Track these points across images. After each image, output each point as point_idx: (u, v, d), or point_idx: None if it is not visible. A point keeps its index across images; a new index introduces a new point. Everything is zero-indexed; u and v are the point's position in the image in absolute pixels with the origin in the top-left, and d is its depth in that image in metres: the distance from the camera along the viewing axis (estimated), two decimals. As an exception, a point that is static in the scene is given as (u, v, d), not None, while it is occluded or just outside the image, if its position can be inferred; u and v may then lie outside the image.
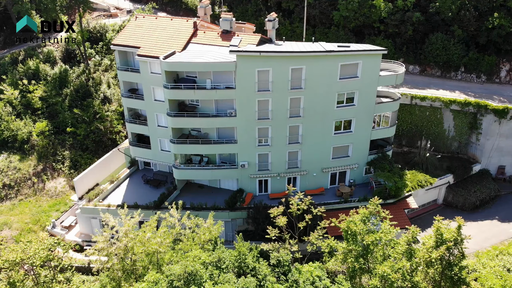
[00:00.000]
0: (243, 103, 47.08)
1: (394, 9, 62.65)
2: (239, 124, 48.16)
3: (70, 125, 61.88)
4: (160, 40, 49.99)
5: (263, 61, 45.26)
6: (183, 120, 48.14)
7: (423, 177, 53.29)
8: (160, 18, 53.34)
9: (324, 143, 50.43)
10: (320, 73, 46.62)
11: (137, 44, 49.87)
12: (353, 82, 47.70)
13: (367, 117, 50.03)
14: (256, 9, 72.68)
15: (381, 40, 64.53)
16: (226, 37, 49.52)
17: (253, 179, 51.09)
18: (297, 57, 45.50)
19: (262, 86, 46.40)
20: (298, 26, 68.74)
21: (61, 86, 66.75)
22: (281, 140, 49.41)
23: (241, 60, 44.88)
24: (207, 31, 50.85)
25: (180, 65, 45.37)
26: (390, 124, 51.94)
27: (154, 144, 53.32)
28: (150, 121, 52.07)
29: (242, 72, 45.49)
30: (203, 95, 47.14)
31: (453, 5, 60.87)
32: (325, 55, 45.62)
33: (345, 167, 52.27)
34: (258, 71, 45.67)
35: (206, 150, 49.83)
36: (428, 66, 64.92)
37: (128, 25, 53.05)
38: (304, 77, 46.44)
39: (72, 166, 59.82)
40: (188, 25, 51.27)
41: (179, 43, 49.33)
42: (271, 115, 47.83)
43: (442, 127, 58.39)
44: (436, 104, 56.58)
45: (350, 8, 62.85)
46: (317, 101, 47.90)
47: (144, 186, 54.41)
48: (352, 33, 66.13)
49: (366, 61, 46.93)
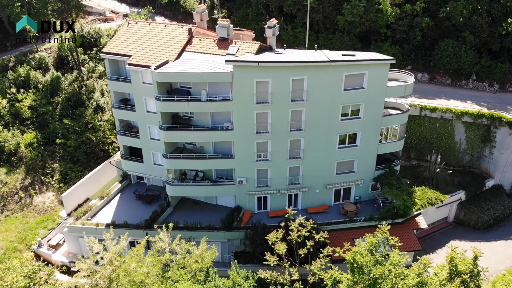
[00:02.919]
0: (241, 115, 43.93)
1: (402, 14, 59.36)
2: (237, 138, 45.00)
3: (61, 135, 58.87)
4: (153, 48, 46.92)
5: (261, 72, 42.11)
6: (176, 134, 45.00)
7: (433, 194, 49.92)
8: (153, 25, 50.26)
9: (328, 158, 47.19)
10: (323, 84, 43.43)
11: (129, 52, 46.82)
12: (358, 94, 44.47)
13: (373, 131, 46.75)
14: (257, 14, 69.55)
15: (388, 46, 61.25)
16: (223, 45, 46.36)
17: (251, 196, 47.89)
18: (299, 67, 42.30)
19: (261, 98, 43.24)
20: (301, 31, 65.53)
21: (53, 94, 63.86)
22: (282, 155, 46.21)
23: (238, 70, 41.73)
24: (203, 38, 47.72)
25: (173, 76, 42.26)
26: (398, 138, 48.64)
27: (147, 157, 50.23)
28: (142, 133, 48.98)
29: (239, 83, 42.34)
30: (197, 108, 44.01)
31: (465, 9, 57.51)
32: (329, 65, 42.39)
33: (350, 183, 48.99)
34: (257, 82, 42.51)
35: (201, 165, 46.67)
36: (437, 74, 61.56)
37: (120, 32, 49.99)
38: (306, 88, 43.23)
39: (62, 180, 56.77)
40: (182, 32, 48.15)
41: (173, 51, 46.22)
42: (270, 129, 44.65)
43: (453, 140, 55.01)
44: (447, 115, 53.21)
45: (355, 13, 59.60)
46: (320, 114, 44.70)
47: (136, 202, 51.32)
48: (357, 39, 62.87)
49: (373, 71, 43.67)
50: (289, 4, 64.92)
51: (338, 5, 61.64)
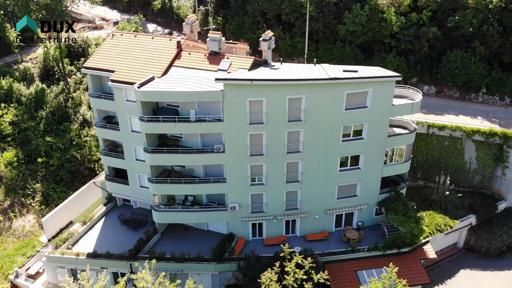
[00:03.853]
0: (233, 137, 40.23)
1: (407, 23, 55.62)
2: (229, 161, 41.29)
3: (44, 153, 55.21)
4: (138, 62, 43.30)
5: (255, 90, 38.41)
6: (162, 157, 41.28)
7: (442, 220, 46.16)
8: (140, 37, 46.59)
9: (328, 181, 43.44)
10: (323, 103, 39.73)
11: (112, 67, 43.24)
12: (361, 113, 40.76)
13: (377, 152, 43.01)
14: (254, 22, 65.87)
15: (392, 57, 57.51)
16: (214, 59, 42.69)
17: (245, 222, 44.14)
18: (296, 86, 38.60)
19: (254, 118, 39.55)
20: (300, 41, 61.85)
21: (37, 107, 60.29)
22: (278, 179, 42.48)
23: (229, 89, 38.04)
24: (193, 52, 44.04)
25: (157, 95, 38.57)
26: (405, 159, 44.89)
27: (132, 179, 46.58)
28: (127, 154, 45.34)
29: (231, 102, 38.65)
30: (185, 129, 40.32)
31: (475, 19, 53.77)
32: (328, 83, 38.67)
33: (352, 208, 45.24)
34: (250, 101, 38.82)
35: (190, 190, 42.96)
36: (445, 87, 57.80)
37: (104, 45, 46.35)
38: (304, 107, 39.53)
39: (44, 201, 53.08)
40: (171, 45, 44.50)
41: (160, 66, 42.57)
42: (265, 151, 40.93)
43: (462, 159, 51.21)
44: (456, 134, 49.42)
45: (357, 22, 55.90)
46: (319, 135, 41.00)
47: (121, 228, 47.60)
48: (359, 50, 59.15)
49: (377, 89, 39.96)
50: (287, 13, 61.24)
51: (339, 14, 57.94)
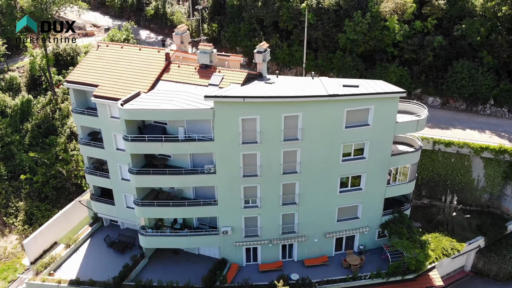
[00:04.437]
0: (225, 157, 37.37)
1: (411, 31, 52.73)
2: (220, 182, 38.41)
3: (28, 169, 52.43)
4: (124, 76, 40.49)
5: (248, 108, 35.56)
6: (148, 179, 38.37)
7: (448, 243, 43.28)
8: (126, 48, 43.74)
9: (327, 203, 40.57)
10: (321, 121, 36.88)
11: (96, 81, 40.43)
12: (362, 131, 37.89)
13: (380, 172, 40.14)
14: (250, 29, 63.02)
15: (395, 67, 54.60)
16: (205, 73, 39.84)
17: (238, 247, 41.24)
18: (292, 103, 35.73)
19: (247, 138, 36.69)
20: (298, 49, 58.97)
21: (23, 119, 57.59)
22: (273, 201, 39.61)
23: (220, 106, 35.18)
24: (182, 64, 41.19)
25: (142, 113, 35.71)
26: (409, 179, 41.98)
27: (119, 200, 43.73)
28: (112, 173, 42.48)
29: (222, 121, 35.80)
30: (173, 149, 37.46)
31: (482, 27, 50.89)
32: (327, 100, 35.81)
33: (353, 231, 42.35)
34: (243, 119, 35.96)
35: (178, 213, 40.11)
36: (451, 98, 54.87)
37: (88, 57, 43.56)
38: (301, 126, 36.66)
39: (27, 221, 50.33)
40: (159, 57, 41.68)
41: (147, 80, 39.74)
42: (260, 172, 38.06)
43: (470, 177, 48.27)
44: (464, 150, 46.50)
45: (358, 31, 53.02)
46: (317, 154, 38.14)
47: (107, 251, 44.69)
48: (360, 59, 56.25)
49: (380, 106, 37.11)
50: (285, 20, 58.38)
51: (339, 22, 55.05)
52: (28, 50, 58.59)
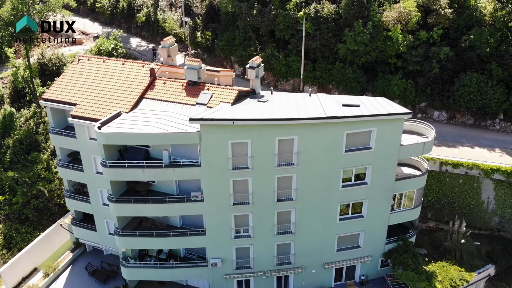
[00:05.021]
0: (213, 184, 34.14)
1: (416, 42, 49.42)
2: (208, 211, 35.19)
3: (8, 188, 49.18)
4: (105, 93, 37.34)
5: (238, 131, 32.33)
6: (129, 208, 35.12)
7: (457, 273, 40.02)
8: (108, 62, 40.51)
9: (326, 232, 37.35)
10: (319, 145, 33.68)
11: (74, 99, 37.38)
12: (364, 155, 34.66)
13: (383, 198, 36.91)
14: (245, 38, 59.73)
15: (398, 79, 51.29)
16: (192, 91, 36.64)
17: (229, 279, 37.97)
18: (286, 126, 32.47)
19: (238, 163, 33.46)
20: (295, 60, 55.67)
21: (4, 134, 54.34)
22: (267, 230, 36.39)
23: (206, 130, 31.94)
24: (168, 81, 37.98)
25: (121, 137, 32.43)
26: (415, 204, 38.77)
27: (100, 225, 40.59)
28: (93, 197, 39.35)
29: (210, 145, 32.57)
30: (156, 176, 34.21)
31: (492, 38, 47.59)
32: (325, 123, 32.55)
33: (354, 260, 39.10)
34: (232, 143, 32.72)
35: (163, 244, 36.81)
36: (458, 113, 51.55)
37: (67, 72, 40.44)
38: (296, 150, 33.44)
39: (6, 245, 47.00)
40: (143, 73, 38.50)
41: (129, 98, 36.54)
42: (251, 199, 34.83)
43: (479, 199, 44.98)
44: (473, 172, 43.23)
45: (359, 41, 49.72)
46: (315, 180, 34.93)
47: (89, 280, 41.51)
48: (361, 70, 52.95)
49: (383, 128, 33.86)
50: (281, 29, 55.07)
51: (339, 32, 51.73)
52: (10, 61, 55.36)
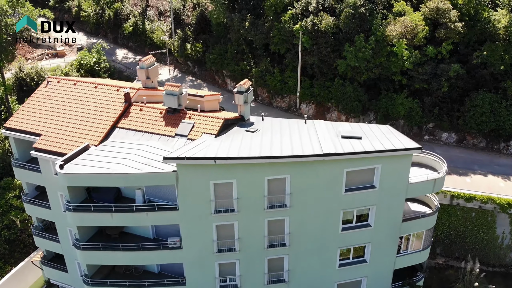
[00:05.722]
0: (193, 229, 29.82)
1: (423, 58, 45.06)
2: (189, 259, 30.82)
3: (-25, 219, 44.96)
4: (74, 122, 33.03)
5: (221, 171, 28.01)
6: (98, 255, 30.69)
7: (471, 322, 35.67)
8: (80, 85, 36.10)
9: (324, 279, 32.98)
10: (315, 184, 29.38)
11: (40, 128, 32.99)
12: (367, 195, 30.33)
13: (389, 241, 32.55)
14: (238, 51, 55.45)
15: (403, 98, 46.96)
16: (172, 119, 32.28)
17: (214, 331, 33.57)
18: (277, 164, 28.14)
19: (222, 205, 29.16)
20: (291, 76, 51.31)
21: (-24, 156, 50.03)
22: (257, 279, 32.06)
23: (184, 170, 27.62)
24: (146, 107, 33.58)
25: (86, 178, 28.07)
26: (424, 246, 34.41)
27: (72, 267, 36.19)
28: (62, 237, 34.97)
29: (189, 186, 28.25)
30: (127, 220, 29.84)
31: (506, 54, 43.30)
32: (322, 160, 28.21)
33: (355, 308, 34.72)
34: (215, 184, 28.39)
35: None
36: (468, 135, 47.22)
37: (34, 96, 36.04)
38: (289, 190, 29.11)
39: (-29, 282, 42.63)
40: (117, 98, 34.15)
41: (100, 128, 32.20)
42: (238, 245, 30.50)
43: (493, 233, 40.67)
44: (487, 206, 38.93)
45: (360, 57, 45.38)
46: (311, 223, 30.63)
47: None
48: (363, 88, 48.61)
49: (389, 164, 29.51)
50: (276, 43, 50.72)
51: (338, 46, 47.36)
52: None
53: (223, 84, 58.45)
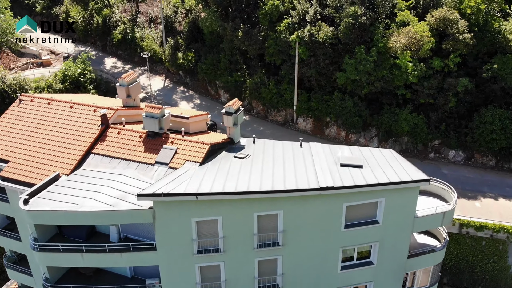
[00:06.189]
0: (174, 271, 26.65)
1: (428, 71, 41.97)
2: (170, 302, 27.67)
3: None
4: (45, 147, 29.90)
5: (205, 207, 24.87)
6: (69, 298, 27.66)
7: None
8: (54, 105, 32.92)
9: (320, 320, 29.79)
10: (311, 220, 26.25)
11: (8, 154, 29.87)
12: (369, 231, 27.21)
13: (393, 279, 29.42)
14: (231, 61, 52.37)
15: (407, 114, 43.88)
16: (153, 144, 29.14)
17: None
18: (267, 199, 25.02)
19: (206, 245, 26.03)
20: (287, 88, 48.25)
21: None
22: (246, 321, 28.85)
23: (162, 207, 24.48)
24: (124, 130, 30.44)
25: (50, 216, 24.89)
26: (431, 282, 31.28)
27: (46, 304, 33.03)
28: (34, 271, 31.88)
29: (168, 224, 25.12)
30: (99, 261, 26.64)
31: (519, 67, 40.24)
32: (319, 195, 25.08)
33: None
34: (198, 222, 25.26)
35: None
36: (477, 153, 44.15)
37: (5, 116, 32.90)
38: (281, 227, 25.98)
39: None
40: (93, 120, 31.00)
41: (72, 155, 29.04)
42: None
43: (505, 263, 37.61)
44: (499, 236, 35.80)
45: (361, 70, 42.29)
46: (306, 263, 27.49)
47: None
48: (364, 103, 45.52)
49: (393, 198, 26.39)
50: (271, 53, 47.63)
51: (337, 58, 44.29)
52: None
53: (216, 96, 55.38)
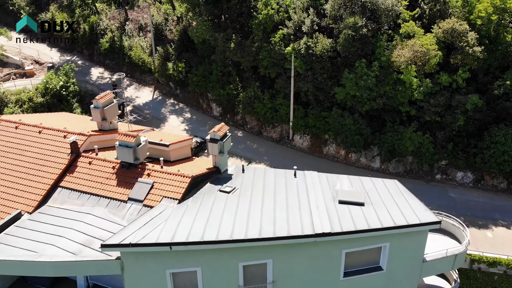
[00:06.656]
0: (149, 324, 23.31)
1: (435, 87, 38.63)
2: None
3: None
4: (7, 179, 26.63)
5: (181, 257, 21.56)
6: None
7: None
8: (22, 129, 29.68)
9: None
10: (305, 269, 22.87)
11: (-34, 184, 26.59)
12: (372, 279, 23.87)
13: (397, 329, 26.04)
14: (223, 72, 49.07)
15: (412, 132, 40.53)
16: (127, 177, 25.85)
17: None
18: (254, 248, 21.71)
19: (184, 296, 22.69)
20: (283, 103, 44.91)
21: None
22: None
23: (131, 258, 21.16)
24: (96, 160, 27.15)
25: (6, 266, 21.45)
26: (440, 329, 27.95)
27: None
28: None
29: (138, 277, 21.77)
30: (63, 316, 23.42)
31: (533, 83, 36.90)
32: (314, 242, 21.77)
33: None
34: (173, 273, 21.93)
35: None
36: (487, 174, 40.79)
37: (-35, 140, 29.63)
38: (271, 278, 22.64)
39: None
40: (63, 147, 27.72)
41: (37, 189, 25.78)
42: None
43: (521, 299, 34.20)
44: (515, 272, 32.54)
45: (362, 85, 38.97)
46: (299, 313, 24.09)
47: None
48: (365, 120, 42.19)
49: (399, 243, 23.07)
50: (266, 66, 44.33)
51: (336, 72, 40.98)
52: None
53: (208, 109, 52.09)
